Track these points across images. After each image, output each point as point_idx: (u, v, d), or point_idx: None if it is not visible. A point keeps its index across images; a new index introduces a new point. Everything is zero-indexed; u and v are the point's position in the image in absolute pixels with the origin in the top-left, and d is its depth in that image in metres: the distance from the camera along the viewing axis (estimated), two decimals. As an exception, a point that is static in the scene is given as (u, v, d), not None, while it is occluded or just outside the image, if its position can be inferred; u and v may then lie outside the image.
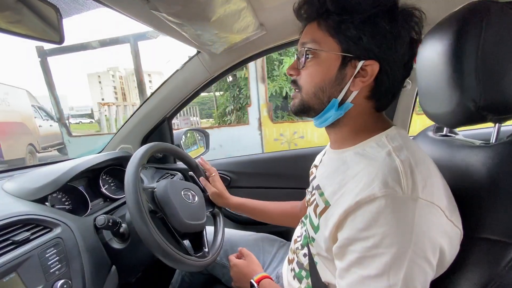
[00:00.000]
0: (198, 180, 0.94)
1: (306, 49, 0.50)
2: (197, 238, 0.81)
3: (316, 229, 0.51)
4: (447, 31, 0.45)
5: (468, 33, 0.41)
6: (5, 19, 0.51)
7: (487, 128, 1.27)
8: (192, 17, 0.62)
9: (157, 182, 0.99)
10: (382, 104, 0.51)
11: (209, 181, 0.93)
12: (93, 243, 0.71)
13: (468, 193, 0.45)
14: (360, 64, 0.46)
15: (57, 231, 0.64)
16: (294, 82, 0.54)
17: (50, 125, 7.16)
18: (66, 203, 0.84)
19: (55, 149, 7.18)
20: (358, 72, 0.47)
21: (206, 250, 0.78)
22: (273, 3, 0.74)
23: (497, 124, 0.48)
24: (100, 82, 60.24)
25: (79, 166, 0.83)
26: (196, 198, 0.82)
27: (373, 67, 0.46)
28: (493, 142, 0.48)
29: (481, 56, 0.40)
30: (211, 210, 0.92)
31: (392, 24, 0.45)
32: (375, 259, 0.39)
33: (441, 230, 0.40)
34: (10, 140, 5.39)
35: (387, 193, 0.39)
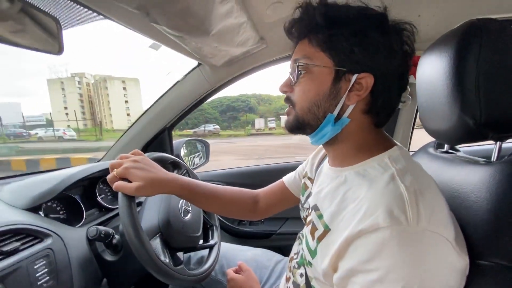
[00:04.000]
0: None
1: (298, 64, 0.49)
2: (191, 252, 0.79)
3: (313, 253, 0.49)
4: (446, 48, 0.44)
5: (467, 50, 0.41)
6: (7, 29, 0.52)
7: (491, 145, 1.24)
8: (191, 30, 0.62)
9: None
10: (380, 119, 0.50)
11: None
12: (84, 255, 0.69)
13: (469, 213, 0.43)
14: (354, 77, 0.45)
15: (47, 241, 0.63)
16: (287, 99, 0.53)
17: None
18: (61, 212, 0.83)
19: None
20: (353, 85, 0.46)
21: (201, 264, 0.76)
22: (273, 18, 0.75)
23: (498, 142, 0.47)
24: (63, 89, 57.44)
25: (75, 175, 0.82)
26: (192, 211, 0.80)
27: (368, 80, 0.45)
28: (494, 160, 0.47)
29: (481, 73, 0.40)
30: (208, 224, 0.91)
31: (383, 36, 0.44)
32: None
33: (448, 263, 0.38)
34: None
35: (392, 223, 0.37)
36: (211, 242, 0.88)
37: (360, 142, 0.50)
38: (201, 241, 0.86)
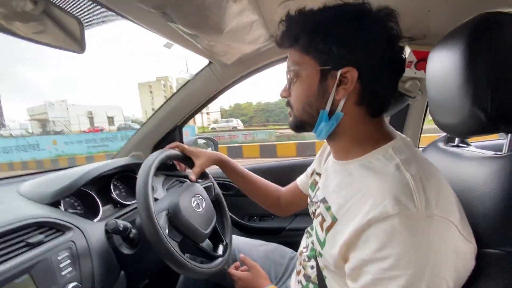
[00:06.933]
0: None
1: (289, 71, 0.54)
2: (190, 254, 0.79)
3: (322, 244, 0.51)
4: (457, 42, 0.44)
5: (478, 44, 0.41)
6: (30, 29, 0.55)
7: (502, 140, 1.24)
8: (206, 29, 0.64)
9: (167, 191, 1.01)
10: (373, 109, 0.50)
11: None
12: (103, 248, 0.72)
13: (480, 204, 0.44)
14: (338, 73, 0.47)
15: (69, 234, 0.65)
16: (288, 103, 0.58)
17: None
18: (78, 208, 0.85)
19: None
20: (341, 81, 0.48)
21: (217, 256, 0.78)
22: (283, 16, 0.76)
23: (509, 135, 0.48)
24: (151, 92, 60.83)
25: (92, 172, 0.85)
26: (204, 209, 0.80)
27: (352, 73, 0.47)
28: (505, 152, 0.47)
29: (492, 67, 0.40)
30: (221, 240, 0.87)
31: (361, 28, 0.46)
32: (392, 281, 0.38)
33: (455, 247, 0.39)
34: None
35: (400, 210, 0.38)
36: (215, 254, 0.81)
37: (359, 134, 0.52)
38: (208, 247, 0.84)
